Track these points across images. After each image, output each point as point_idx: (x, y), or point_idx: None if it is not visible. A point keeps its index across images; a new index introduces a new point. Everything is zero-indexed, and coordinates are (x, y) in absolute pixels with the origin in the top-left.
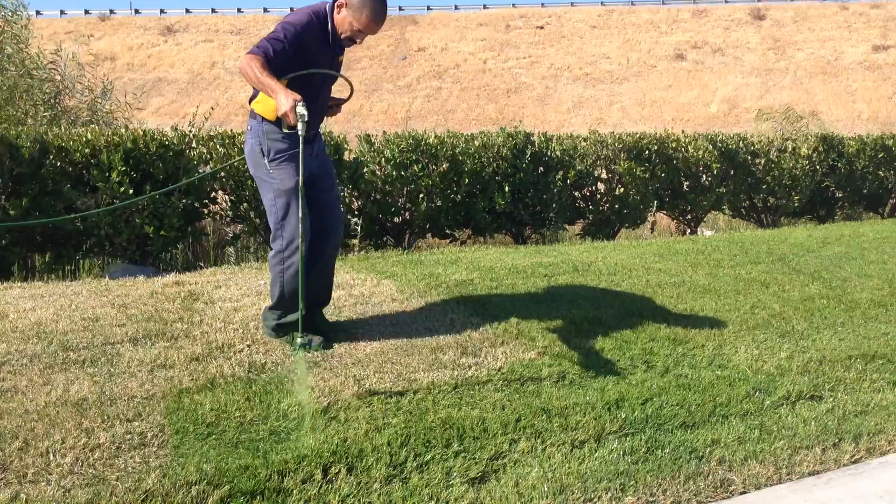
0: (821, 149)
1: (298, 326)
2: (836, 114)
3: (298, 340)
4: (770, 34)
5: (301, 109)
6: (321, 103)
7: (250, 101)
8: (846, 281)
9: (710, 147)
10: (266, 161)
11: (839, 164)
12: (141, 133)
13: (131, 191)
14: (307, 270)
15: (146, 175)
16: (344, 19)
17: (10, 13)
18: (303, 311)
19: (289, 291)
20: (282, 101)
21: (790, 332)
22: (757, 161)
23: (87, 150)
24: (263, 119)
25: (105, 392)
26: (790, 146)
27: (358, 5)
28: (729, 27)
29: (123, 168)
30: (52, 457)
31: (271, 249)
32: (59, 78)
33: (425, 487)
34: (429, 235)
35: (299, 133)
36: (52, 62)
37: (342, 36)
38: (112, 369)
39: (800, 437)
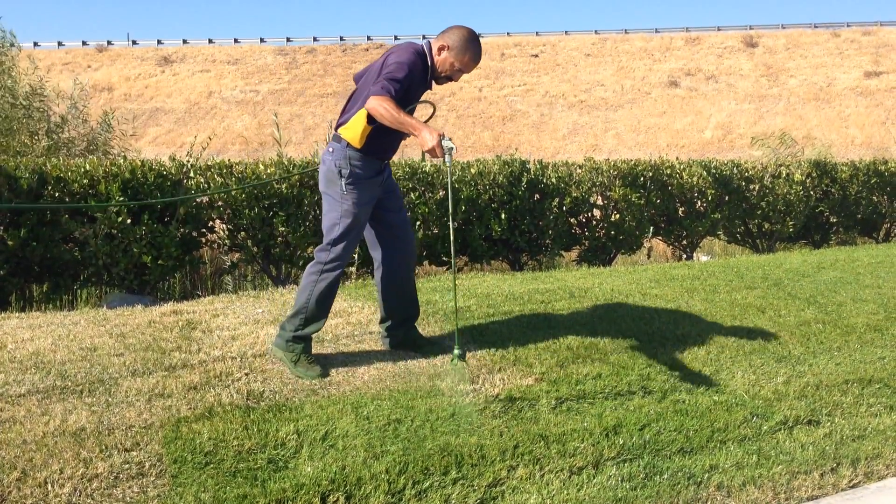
0: (814, 174)
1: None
2: (829, 139)
3: (456, 351)
4: (763, 61)
5: (447, 143)
6: (399, 138)
7: (337, 128)
8: (842, 305)
9: (705, 173)
10: (342, 182)
11: (833, 190)
12: (139, 163)
13: (129, 221)
14: (387, 290)
15: (144, 205)
16: (445, 60)
17: (7, 45)
18: (321, 328)
19: (315, 300)
20: (427, 137)
21: (787, 357)
22: (751, 187)
23: (85, 181)
24: (349, 145)
25: (103, 422)
26: (784, 172)
27: (461, 48)
28: (722, 54)
29: (121, 198)
30: (50, 487)
31: (313, 259)
32: (56, 110)
33: None
34: (426, 262)
35: (447, 165)
36: (49, 94)
37: (441, 74)
38: (110, 399)
39: (798, 462)
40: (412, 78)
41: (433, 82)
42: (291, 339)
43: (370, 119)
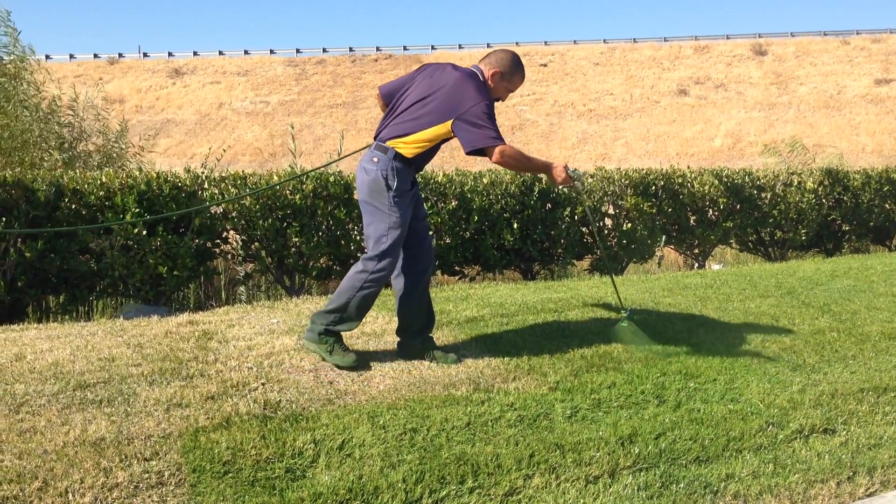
0: (826, 182)
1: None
2: (839, 147)
3: (623, 314)
4: (772, 69)
5: (574, 173)
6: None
7: (385, 140)
8: (856, 314)
9: (716, 182)
10: (390, 195)
11: (845, 198)
12: (154, 175)
13: (144, 232)
14: (407, 299)
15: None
16: (499, 84)
17: (25, 58)
18: (353, 328)
19: (356, 305)
20: (559, 173)
21: (801, 366)
22: (763, 195)
23: (101, 193)
24: (397, 155)
25: (122, 431)
26: (795, 180)
27: (510, 72)
28: (731, 62)
29: (137, 210)
30: (71, 496)
31: (359, 265)
32: (72, 122)
33: None
34: (438, 272)
35: (581, 190)
36: (64, 106)
37: (498, 98)
38: (129, 409)
39: (814, 470)
40: None
41: None
42: (324, 332)
43: (436, 142)
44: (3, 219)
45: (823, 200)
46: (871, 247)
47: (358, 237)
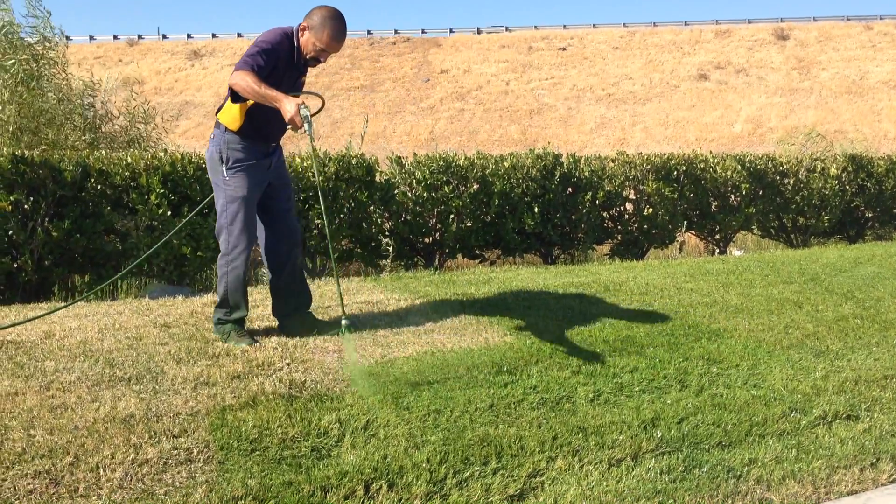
0: (850, 168)
1: (236, 323)
2: (861, 133)
3: (344, 322)
4: (794, 54)
5: (304, 111)
6: (282, 120)
7: (217, 112)
8: (880, 301)
9: (739, 167)
10: (224, 168)
11: (868, 184)
12: (179, 156)
13: (169, 213)
14: (276, 280)
15: (184, 197)
16: (308, 40)
17: (50, 39)
18: (247, 312)
19: (231, 291)
20: (287, 106)
21: (825, 352)
22: (786, 181)
23: (126, 174)
24: (227, 129)
25: (151, 409)
26: (819, 166)
27: (319, 26)
28: (752, 47)
29: (162, 191)
30: (102, 472)
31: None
32: (97, 103)
33: None
34: (459, 256)
35: (308, 133)
36: (89, 87)
37: (307, 56)
38: (157, 386)
39: (837, 456)
40: (276, 56)
41: (306, 67)
42: (218, 322)
43: (235, 96)
44: (31, 198)
45: (847, 187)
46: (894, 234)
47: (379, 220)
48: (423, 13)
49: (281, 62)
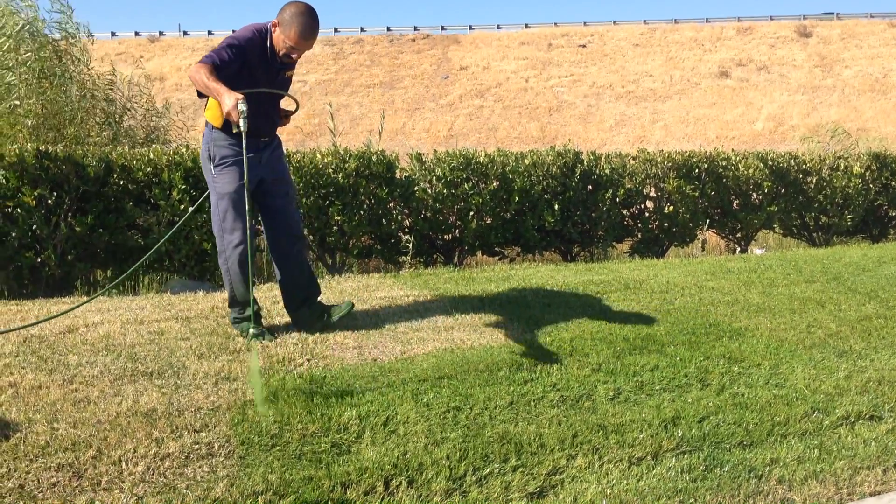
0: (874, 167)
1: (251, 320)
2: (885, 131)
3: (252, 331)
4: (816, 51)
5: (242, 106)
6: (269, 114)
7: (204, 110)
8: None
9: (761, 165)
10: (212, 166)
11: (892, 183)
12: (200, 152)
13: (190, 209)
14: (281, 274)
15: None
16: (278, 37)
17: (73, 34)
18: (255, 308)
19: (236, 287)
20: (226, 100)
21: (847, 352)
22: (808, 179)
23: (149, 169)
24: (213, 126)
25: (173, 403)
26: (842, 165)
27: (287, 23)
28: (774, 44)
29: (183, 186)
30: (124, 465)
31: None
32: (119, 98)
33: (485, 501)
34: (478, 253)
35: (241, 129)
36: (110, 82)
37: (280, 53)
38: (178, 381)
39: (860, 457)
40: (245, 53)
41: (281, 64)
42: (233, 321)
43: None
44: (55, 193)
45: (870, 185)
46: None
47: (399, 216)
48: (443, 10)
49: (253, 58)
